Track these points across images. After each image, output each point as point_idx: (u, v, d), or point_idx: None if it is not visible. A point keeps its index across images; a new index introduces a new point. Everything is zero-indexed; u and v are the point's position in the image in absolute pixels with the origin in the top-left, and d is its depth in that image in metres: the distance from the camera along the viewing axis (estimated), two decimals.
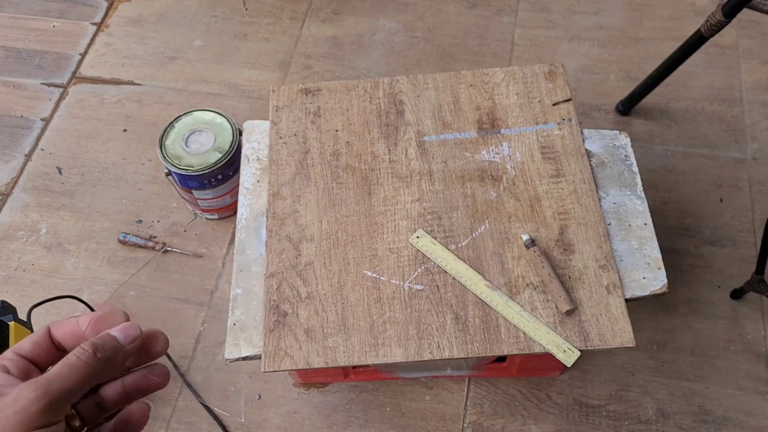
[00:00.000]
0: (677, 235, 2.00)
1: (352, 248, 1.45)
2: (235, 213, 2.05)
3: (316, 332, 1.36)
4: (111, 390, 0.69)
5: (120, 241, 2.04)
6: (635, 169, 1.55)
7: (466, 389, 1.79)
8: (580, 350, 1.31)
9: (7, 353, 0.65)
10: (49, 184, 2.20)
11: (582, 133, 1.58)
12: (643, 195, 1.51)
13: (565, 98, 1.63)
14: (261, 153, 1.62)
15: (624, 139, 1.60)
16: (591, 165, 1.54)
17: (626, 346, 1.32)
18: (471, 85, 1.66)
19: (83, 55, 2.50)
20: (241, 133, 1.87)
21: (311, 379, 1.79)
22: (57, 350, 0.68)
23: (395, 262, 1.43)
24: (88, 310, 1.72)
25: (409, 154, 1.57)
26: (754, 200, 2.06)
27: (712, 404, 1.76)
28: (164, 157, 1.87)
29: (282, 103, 1.66)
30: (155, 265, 2.01)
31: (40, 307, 1.62)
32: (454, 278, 1.40)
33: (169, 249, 2.04)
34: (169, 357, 1.84)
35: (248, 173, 1.60)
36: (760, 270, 1.75)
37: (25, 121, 2.35)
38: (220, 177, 1.91)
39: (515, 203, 1.49)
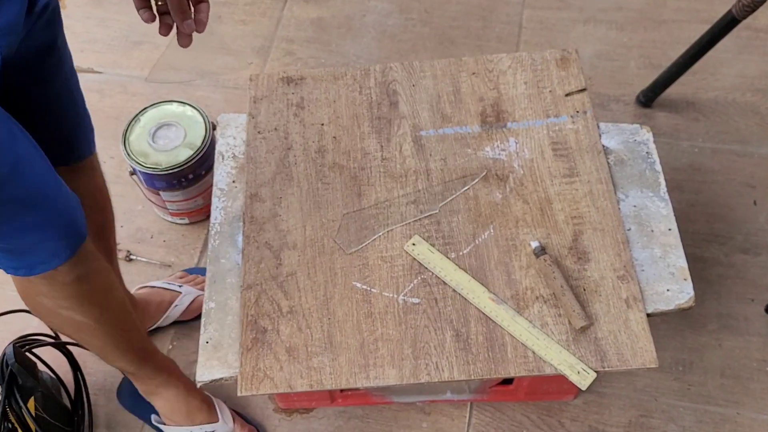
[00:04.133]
0: (705, 241, 2.01)
1: (340, 257, 1.45)
2: (207, 217, 2.04)
3: (300, 351, 1.36)
4: None
5: None
6: (658, 167, 1.56)
7: (467, 415, 1.80)
8: (596, 371, 1.31)
9: None
10: None
11: (598, 127, 1.58)
12: (667, 197, 1.52)
13: (580, 88, 1.63)
14: (237, 150, 1.62)
15: (646, 134, 1.60)
16: (608, 163, 1.55)
17: (648, 366, 1.32)
18: (473, 74, 1.67)
19: None
20: (214, 128, 1.87)
21: (294, 403, 1.79)
22: None
23: (388, 272, 1.43)
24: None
25: (404, 150, 1.57)
26: None
27: None
28: (128, 155, 1.87)
29: (261, 94, 1.66)
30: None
31: None
32: (454, 290, 1.40)
33: (134, 258, 2.04)
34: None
35: (223, 172, 1.60)
36: None
37: None
38: (191, 177, 1.91)
39: (523, 206, 1.49)
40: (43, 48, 1.26)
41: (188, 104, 1.95)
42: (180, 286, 1.90)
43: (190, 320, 1.91)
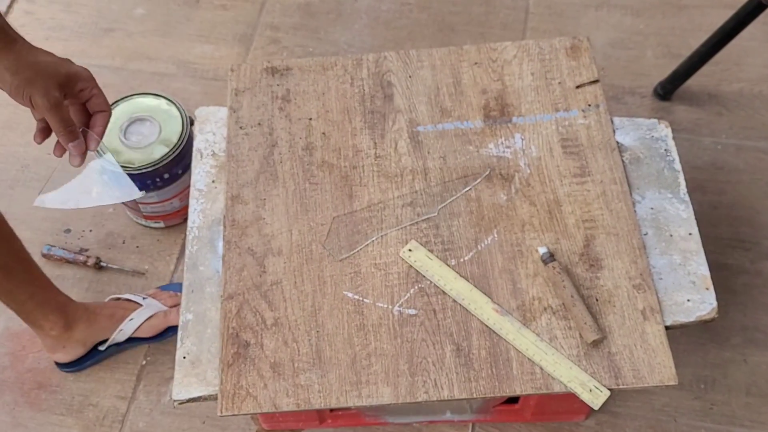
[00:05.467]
0: (729, 247, 2.01)
1: (330, 264, 1.45)
2: (185, 220, 2.05)
3: (285, 367, 1.36)
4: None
5: (44, 255, 2.04)
6: (677, 166, 1.56)
7: None
8: (609, 389, 1.32)
9: None
10: None
11: (612, 122, 1.59)
12: (687, 198, 1.52)
13: (592, 79, 1.63)
14: (217, 147, 1.62)
15: (664, 130, 1.61)
16: (623, 161, 1.55)
17: (667, 384, 1.33)
18: (476, 63, 1.67)
19: None
20: (192, 123, 1.86)
21: (279, 424, 1.79)
22: None
23: (382, 280, 1.43)
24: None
25: (400, 148, 1.57)
26: None
27: None
28: (98, 152, 1.87)
29: (243, 86, 1.66)
30: (87, 285, 2.01)
31: None
32: (454, 301, 1.40)
33: (104, 265, 2.04)
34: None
35: (201, 172, 1.60)
36: None
37: None
38: (166, 176, 1.91)
39: (530, 208, 1.49)
40: None
41: (163, 97, 1.95)
42: (144, 299, 1.88)
43: (151, 338, 1.89)
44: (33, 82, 1.19)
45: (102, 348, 1.85)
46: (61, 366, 1.87)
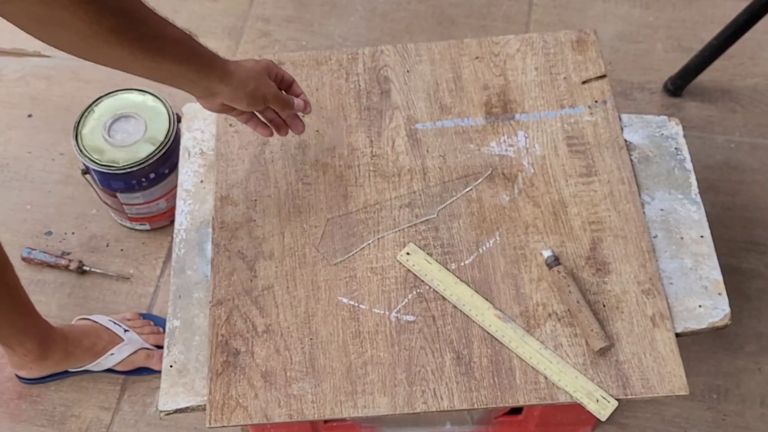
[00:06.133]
0: (743, 250, 2.01)
1: (324, 268, 1.46)
2: (172, 222, 2.05)
3: (277, 376, 1.36)
4: None
5: (24, 259, 2.04)
6: (689, 165, 1.56)
7: None
8: (617, 399, 1.32)
9: None
10: None
11: (620, 119, 1.59)
12: (699, 199, 1.52)
13: (599, 74, 1.63)
14: (205, 145, 1.62)
15: (674, 127, 1.61)
16: (632, 160, 1.55)
17: (677, 394, 1.33)
18: (477, 58, 1.67)
19: None
20: (179, 120, 1.87)
21: None
22: None
23: (379, 285, 1.43)
24: None
25: (397, 146, 1.57)
26: None
27: None
28: (80, 151, 1.87)
29: None
30: (69, 290, 2.01)
31: None
32: (454, 306, 1.40)
33: (87, 269, 2.04)
34: None
35: (189, 171, 1.60)
36: None
37: None
38: (152, 176, 1.91)
39: (534, 210, 1.49)
40: None
41: (150, 93, 1.95)
42: (125, 331, 1.85)
43: (127, 372, 1.89)
44: (247, 83, 1.34)
45: (73, 370, 1.85)
46: (22, 379, 1.86)
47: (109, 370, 1.86)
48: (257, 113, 1.43)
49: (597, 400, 1.31)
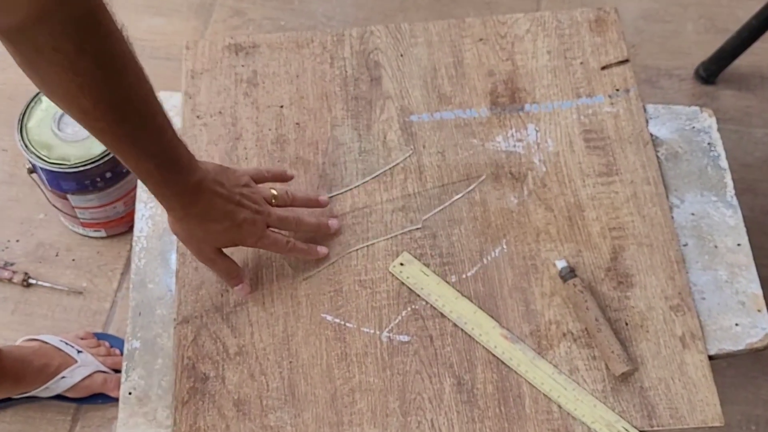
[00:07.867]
0: None
1: (305, 281, 1.45)
2: (131, 228, 2.04)
3: (252, 405, 1.36)
4: None
5: None
6: (724, 163, 1.56)
7: None
8: None
9: None
10: None
11: (645, 110, 1.59)
12: (735, 202, 1.52)
13: (620, 59, 1.64)
14: None
15: (707, 120, 1.61)
16: (658, 158, 1.55)
17: (711, 425, 1.33)
18: (481, 40, 1.67)
19: None
20: None
21: None
22: None
23: (368, 301, 1.43)
24: None
25: (389, 141, 1.57)
26: None
27: None
28: (26, 147, 1.87)
29: (201, 67, 1.66)
30: (12, 306, 2.01)
31: None
32: (455, 325, 1.40)
33: (34, 282, 2.03)
34: None
35: None
36: None
37: None
38: (108, 176, 1.91)
39: (546, 214, 1.49)
40: None
41: None
42: (79, 352, 1.85)
43: (79, 399, 1.88)
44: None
45: (16, 397, 1.84)
46: None
47: (60, 397, 1.85)
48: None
49: None
